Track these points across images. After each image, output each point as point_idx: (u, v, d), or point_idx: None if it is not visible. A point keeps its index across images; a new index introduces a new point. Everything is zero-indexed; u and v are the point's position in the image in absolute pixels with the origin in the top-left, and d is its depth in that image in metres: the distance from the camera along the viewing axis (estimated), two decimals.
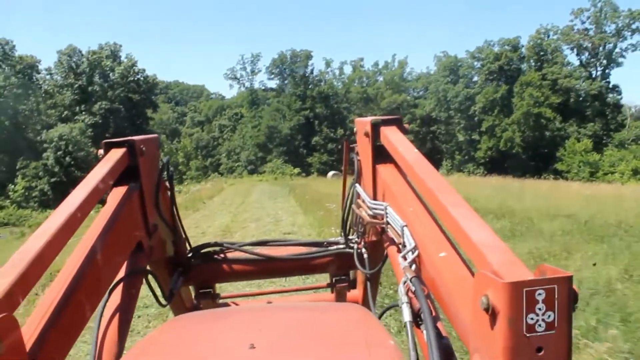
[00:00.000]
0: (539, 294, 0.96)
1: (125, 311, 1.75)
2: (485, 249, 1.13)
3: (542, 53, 69.84)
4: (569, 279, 0.98)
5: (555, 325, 0.98)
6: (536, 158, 65.70)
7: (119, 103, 71.65)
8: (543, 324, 0.97)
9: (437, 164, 75.60)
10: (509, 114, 67.74)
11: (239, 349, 1.18)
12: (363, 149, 2.15)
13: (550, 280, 0.97)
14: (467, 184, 35.98)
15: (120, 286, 1.79)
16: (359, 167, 2.22)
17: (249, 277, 2.79)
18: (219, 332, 1.38)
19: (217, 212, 24.67)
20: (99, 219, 1.72)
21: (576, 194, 24.94)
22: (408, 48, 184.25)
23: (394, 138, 1.90)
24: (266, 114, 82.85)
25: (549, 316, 0.97)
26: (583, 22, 69.91)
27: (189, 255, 2.53)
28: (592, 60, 70.27)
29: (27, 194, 60.71)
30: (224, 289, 3.88)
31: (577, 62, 71.78)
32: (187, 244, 2.54)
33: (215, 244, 2.57)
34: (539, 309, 0.97)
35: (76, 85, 69.95)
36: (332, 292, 2.79)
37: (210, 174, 77.13)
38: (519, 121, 65.52)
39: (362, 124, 2.10)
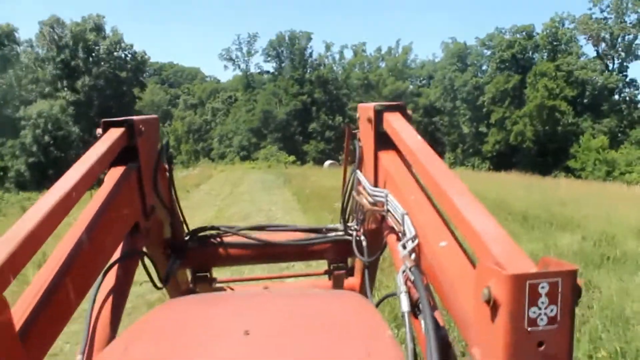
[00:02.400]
0: (542, 287, 0.95)
1: (120, 293, 1.75)
2: (488, 239, 1.11)
3: (555, 43, 65.88)
4: (574, 272, 0.97)
5: (558, 319, 0.96)
6: (546, 154, 61.81)
7: (105, 80, 67.12)
8: (545, 318, 0.96)
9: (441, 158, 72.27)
10: (520, 106, 63.88)
11: (233, 335, 1.18)
12: (365, 135, 2.12)
13: (554, 273, 0.96)
14: (483, 180, 32.29)
15: (115, 268, 1.77)
16: (361, 154, 2.20)
17: (246, 262, 2.84)
18: (213, 317, 1.37)
19: (200, 204, 22.22)
20: (96, 198, 1.71)
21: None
22: (413, 34, 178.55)
23: (397, 125, 1.86)
24: (261, 98, 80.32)
25: (552, 310, 0.96)
26: (602, 11, 66.09)
27: (186, 238, 2.51)
28: (610, 52, 66.35)
29: (1, 174, 56.90)
30: (223, 273, 3.35)
31: (592, 54, 68.28)
32: (184, 227, 2.52)
33: (213, 228, 2.56)
34: (542, 302, 0.95)
35: (58, 59, 65.35)
36: (329, 279, 2.78)
37: (201, 159, 74.89)
38: (531, 114, 61.45)
39: (365, 109, 2.08)
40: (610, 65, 67.27)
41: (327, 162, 54.87)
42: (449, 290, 1.30)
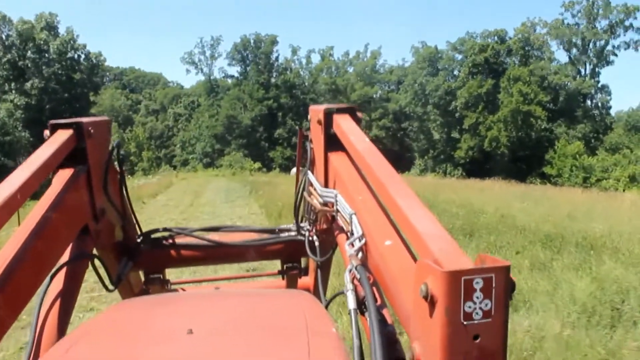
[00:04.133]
0: (477, 283, 0.98)
1: (68, 296, 1.75)
2: (428, 238, 1.15)
3: (527, 48, 64.56)
4: (507, 268, 1.01)
5: (492, 313, 1.00)
6: (520, 160, 60.16)
7: (56, 82, 63.04)
8: (480, 312, 0.99)
9: (408, 163, 70.40)
10: (494, 111, 62.09)
11: (176, 334, 1.19)
12: (316, 137, 2.15)
13: (487, 269, 0.99)
14: (464, 189, 29.90)
15: (64, 271, 1.77)
16: (312, 155, 2.24)
17: (200, 263, 2.85)
18: (159, 317, 1.39)
19: (155, 217, 19.59)
20: (43, 201, 1.70)
21: None
22: (381, 38, 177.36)
23: (346, 127, 1.91)
24: (225, 103, 77.79)
25: (487, 304, 0.99)
26: (574, 16, 65.07)
27: (139, 240, 2.51)
28: (582, 57, 65.29)
29: None
30: (181, 274, 3.58)
31: (564, 59, 67.39)
32: (137, 229, 2.52)
33: (165, 229, 2.56)
34: (477, 297, 0.98)
35: (4, 60, 60.92)
36: (283, 279, 2.80)
37: (163, 166, 72.21)
38: (505, 119, 59.78)
39: (316, 111, 2.10)
40: (582, 71, 66.43)
41: (294, 170, 51.87)
42: (392, 287, 1.35)
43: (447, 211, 17.79)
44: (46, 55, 62.60)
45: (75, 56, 66.61)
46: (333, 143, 2.01)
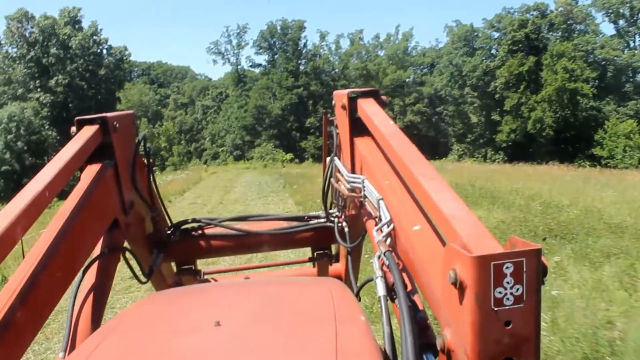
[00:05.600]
0: (507, 268, 0.96)
1: (101, 289, 1.78)
2: (456, 221, 1.14)
3: (570, 21, 60.44)
4: (538, 251, 0.98)
5: (524, 298, 0.98)
6: (565, 142, 56.54)
7: (80, 79, 61.64)
8: (511, 298, 0.97)
9: (444, 149, 67.42)
10: (536, 91, 58.26)
11: (204, 327, 1.21)
12: (341, 122, 2.14)
13: (518, 253, 0.97)
14: (521, 175, 27.11)
15: (96, 264, 1.82)
16: (338, 140, 2.23)
17: (229, 253, 2.86)
18: (189, 309, 1.41)
19: (180, 217, 16.53)
20: (72, 196, 1.74)
21: None
22: (413, 19, 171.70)
23: (370, 110, 1.90)
24: (254, 93, 75.72)
25: (518, 290, 0.97)
26: None
27: (169, 232, 2.53)
28: (630, 28, 61.00)
29: None
30: (214, 264, 3.59)
31: (610, 32, 62.93)
32: (167, 220, 2.54)
33: (195, 220, 2.58)
34: (507, 282, 0.96)
35: (28, 57, 59.59)
36: (314, 266, 2.81)
37: (194, 160, 71.48)
38: (550, 98, 55.93)
39: (340, 96, 2.10)
40: (631, 44, 62.05)
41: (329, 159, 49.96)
42: (422, 273, 1.35)
43: (516, 204, 15.25)
44: (70, 50, 61.23)
45: (99, 51, 65.21)
46: (358, 128, 1.99)
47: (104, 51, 66.24)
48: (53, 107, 59.00)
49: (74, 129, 1.90)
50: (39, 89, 59.69)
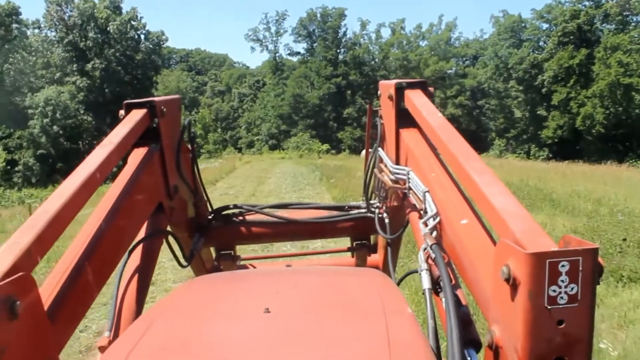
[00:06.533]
0: (563, 266, 0.96)
1: (145, 271, 1.82)
2: (508, 216, 1.13)
3: (626, 13, 57.26)
4: (595, 251, 0.98)
5: (579, 298, 0.97)
6: (616, 140, 53.72)
7: (117, 64, 61.01)
8: (565, 297, 0.97)
9: (485, 144, 65.08)
10: (587, 85, 55.37)
11: (253, 313, 1.22)
12: (386, 113, 2.15)
13: (574, 252, 0.96)
14: (578, 175, 25.14)
15: (140, 247, 1.86)
16: (382, 131, 2.23)
17: (269, 240, 2.96)
18: (236, 295, 1.42)
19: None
20: (119, 179, 1.78)
21: None
22: (457, 9, 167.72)
23: (418, 102, 1.89)
24: (291, 81, 74.60)
25: (572, 289, 0.97)
26: None
27: (210, 217, 2.58)
28: None
29: (9, 167, 51.62)
30: (248, 250, 3.51)
31: None
32: (208, 206, 2.59)
33: (236, 207, 2.62)
34: (562, 281, 0.96)
35: (66, 40, 59.19)
36: (352, 256, 2.87)
37: (229, 149, 70.92)
38: (602, 94, 53.01)
39: (386, 86, 2.09)
40: None
41: (364, 151, 48.56)
42: (469, 268, 1.35)
43: (581, 209, 13.55)
44: (108, 35, 60.65)
45: (136, 36, 64.51)
46: (404, 119, 1.98)
47: (142, 36, 65.51)
48: (89, 92, 58.41)
49: (122, 112, 1.91)
50: (76, 73, 59.32)
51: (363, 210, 2.57)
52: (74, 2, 60.18)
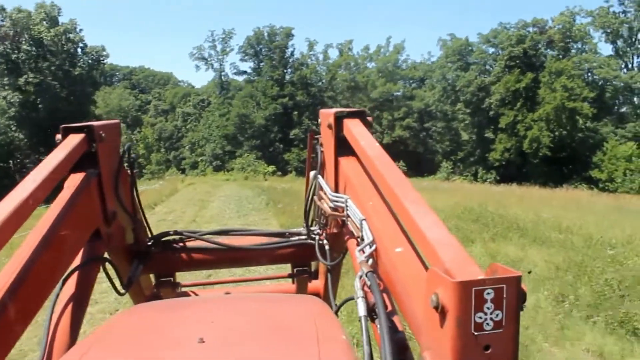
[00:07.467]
0: (488, 293, 0.99)
1: (80, 300, 1.78)
2: (439, 246, 1.16)
3: (568, 40, 58.46)
4: (518, 278, 1.01)
5: (503, 324, 1.01)
6: (561, 163, 54.31)
7: (53, 78, 57.81)
8: (491, 323, 1.00)
9: (432, 166, 64.93)
10: (533, 109, 55.95)
11: (187, 343, 1.22)
12: (326, 141, 2.17)
13: (499, 280, 1.00)
14: (535, 200, 24.40)
15: (76, 274, 1.80)
16: (322, 159, 2.25)
17: (210, 267, 2.91)
18: (171, 324, 1.41)
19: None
20: (55, 205, 1.74)
21: None
22: (405, 32, 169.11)
23: (356, 131, 1.92)
24: (237, 101, 72.90)
25: (497, 315, 1.00)
26: (621, 3, 58.63)
27: (149, 243, 2.54)
28: (629, 49, 59.28)
29: None
30: (188, 277, 3.30)
31: (606, 52, 61.01)
32: (148, 232, 2.55)
33: (176, 233, 2.59)
34: (488, 308, 0.99)
35: None
36: (293, 282, 2.85)
37: (172, 169, 68.55)
38: (548, 117, 53.62)
39: (326, 115, 2.12)
40: (629, 64, 60.35)
41: (313, 173, 47.24)
42: (403, 295, 1.36)
43: (552, 239, 12.39)
44: (42, 48, 57.49)
45: (72, 50, 61.51)
46: (343, 147, 2.01)
47: (79, 50, 62.52)
48: (22, 107, 55.16)
49: (59, 136, 1.88)
50: (7, 87, 55.88)
51: (303, 237, 2.55)
52: (5, 12, 56.86)
